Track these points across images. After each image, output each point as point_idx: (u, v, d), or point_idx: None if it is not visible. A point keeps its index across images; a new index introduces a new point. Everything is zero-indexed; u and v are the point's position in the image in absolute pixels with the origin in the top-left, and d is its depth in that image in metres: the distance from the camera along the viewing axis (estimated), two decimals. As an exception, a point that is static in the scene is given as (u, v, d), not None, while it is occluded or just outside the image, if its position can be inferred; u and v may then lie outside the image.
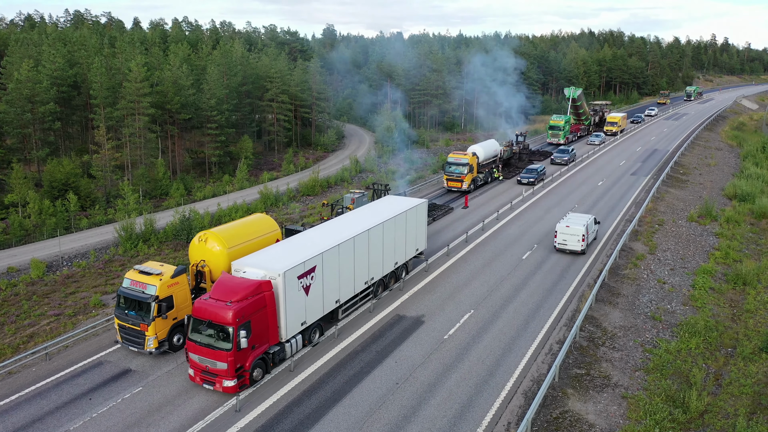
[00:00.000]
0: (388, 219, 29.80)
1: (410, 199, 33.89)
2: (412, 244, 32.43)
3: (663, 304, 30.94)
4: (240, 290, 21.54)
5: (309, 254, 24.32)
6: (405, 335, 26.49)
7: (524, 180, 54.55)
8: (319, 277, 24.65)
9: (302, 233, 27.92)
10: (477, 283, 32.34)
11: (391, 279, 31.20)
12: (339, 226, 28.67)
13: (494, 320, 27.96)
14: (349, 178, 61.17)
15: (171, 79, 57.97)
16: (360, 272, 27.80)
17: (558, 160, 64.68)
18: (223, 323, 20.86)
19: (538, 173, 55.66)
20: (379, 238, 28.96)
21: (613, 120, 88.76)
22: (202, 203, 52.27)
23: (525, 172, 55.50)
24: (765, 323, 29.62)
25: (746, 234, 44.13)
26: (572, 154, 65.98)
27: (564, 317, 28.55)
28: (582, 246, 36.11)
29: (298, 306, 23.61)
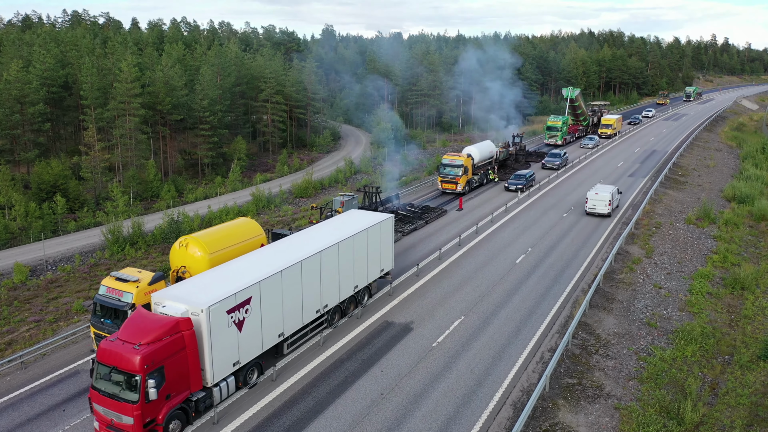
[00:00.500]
0: (345, 238, 26.53)
1: (374, 215, 30.48)
2: (375, 264, 29.20)
3: (659, 310, 30.19)
4: (152, 330, 18.32)
5: (242, 284, 21.04)
6: (392, 343, 25.75)
7: (512, 186, 52.29)
8: (256, 310, 21.42)
9: (246, 256, 24.42)
10: (469, 288, 31.60)
11: (351, 304, 27.96)
12: (288, 247, 25.39)
13: (485, 327, 27.22)
14: (344, 179, 60.47)
15: (163, 80, 57.24)
16: (310, 300, 24.57)
17: (549, 165, 61.97)
18: (128, 370, 17.67)
19: (527, 179, 53.26)
20: (334, 260, 25.74)
21: (608, 122, 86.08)
22: (193, 205, 51.57)
23: (513, 178, 53.18)
24: (763, 330, 28.87)
25: (745, 237, 43.38)
26: (564, 158, 63.63)
27: (557, 324, 27.80)
28: (608, 209, 44.57)
29: (229, 344, 20.37)
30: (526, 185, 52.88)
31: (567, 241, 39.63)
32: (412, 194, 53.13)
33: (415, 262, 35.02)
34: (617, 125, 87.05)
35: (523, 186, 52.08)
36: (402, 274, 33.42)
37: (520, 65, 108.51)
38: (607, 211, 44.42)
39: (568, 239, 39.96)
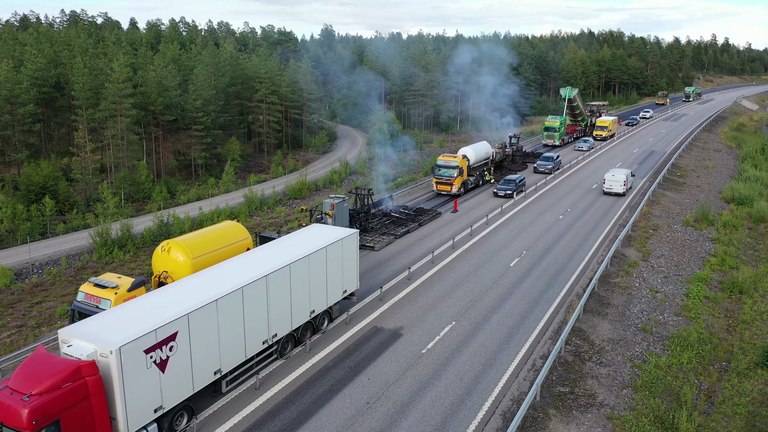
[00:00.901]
0: (299, 258, 23.61)
1: (337, 230, 27.79)
2: (337, 285, 26.46)
3: (655, 315, 29.55)
4: (47, 377, 15.51)
5: (166, 317, 18.13)
6: (381, 349, 25.10)
7: (500, 192, 49.83)
8: (184, 346, 18.59)
9: (183, 281, 21.57)
10: (461, 293, 30.95)
11: (307, 331, 25.18)
12: (233, 269, 22.41)
13: (476, 333, 26.57)
14: (338, 180, 59.85)
15: (155, 80, 56.60)
16: (255, 330, 21.70)
17: (541, 168, 59.43)
18: (15, 427, 14.84)
19: (517, 184, 50.85)
20: (285, 284, 22.92)
21: (603, 124, 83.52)
22: (185, 207, 50.97)
23: (502, 183, 50.77)
24: (761, 335, 28.21)
25: (743, 239, 42.73)
26: (557, 162, 61.39)
27: (550, 329, 27.16)
28: (624, 189, 50.85)
29: (149, 388, 17.60)
30: (516, 191, 50.55)
31: (562, 243, 38.99)
32: (407, 196, 52.48)
33: (407, 265, 34.38)
34: (613, 127, 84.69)
35: (512, 192, 49.90)
36: (393, 278, 32.78)
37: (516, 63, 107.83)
38: (622, 190, 51.06)
39: (563, 242, 39.32)
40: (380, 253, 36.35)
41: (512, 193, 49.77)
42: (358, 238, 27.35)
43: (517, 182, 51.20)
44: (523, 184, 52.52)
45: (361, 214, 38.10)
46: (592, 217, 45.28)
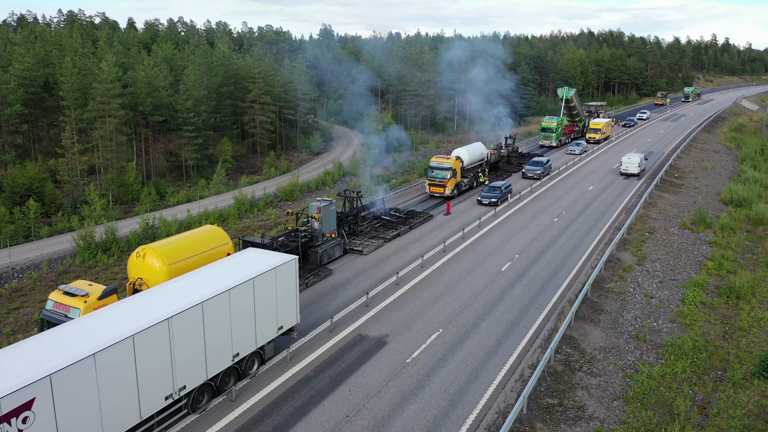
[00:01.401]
0: (216, 294, 19.73)
1: (274, 256, 23.76)
2: (269, 322, 22.45)
3: (649, 322, 28.70)
4: None
5: (17, 382, 14.26)
6: (364, 358, 24.26)
7: (484, 200, 46.68)
8: (45, 415, 14.68)
9: (55, 330, 17.47)
10: (450, 299, 30.10)
11: (230, 377, 21.34)
12: (130, 311, 18.58)
13: (463, 341, 25.73)
14: (331, 182, 59.02)
15: (145, 80, 55.73)
16: (153, 385, 17.72)
17: (530, 174, 56.30)
18: None
19: (502, 192, 47.59)
20: (196, 326, 19.00)
21: (596, 126, 79.76)
22: (174, 209, 50.14)
23: (486, 191, 47.69)
24: (758, 343, 27.36)
25: (741, 242, 41.89)
26: (547, 167, 58.26)
27: (540, 337, 26.31)
28: (638, 170, 58.43)
29: None
30: (501, 198, 47.32)
31: (556, 247, 38.15)
32: (399, 198, 51.64)
33: (396, 270, 33.54)
34: (607, 129, 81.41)
35: (497, 199, 46.66)
36: (381, 283, 31.92)
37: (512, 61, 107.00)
38: (637, 171, 58.40)
39: (557, 245, 38.47)
40: (369, 258, 35.52)
41: (497, 201, 46.60)
42: (297, 265, 23.79)
43: (502, 189, 47.94)
44: (509, 191, 49.26)
45: (350, 217, 37.24)
46: (587, 219, 44.43)
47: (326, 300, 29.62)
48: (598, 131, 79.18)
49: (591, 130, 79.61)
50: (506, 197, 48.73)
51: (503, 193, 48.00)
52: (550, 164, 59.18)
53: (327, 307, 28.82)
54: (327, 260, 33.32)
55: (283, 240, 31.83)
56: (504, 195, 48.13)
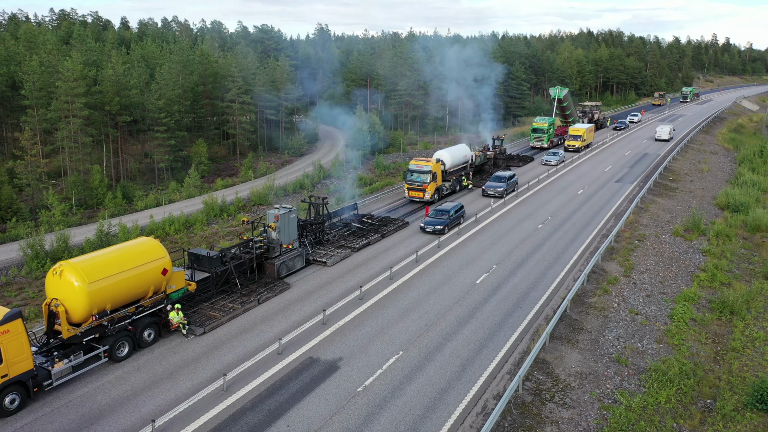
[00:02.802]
0: None
1: None
2: None
3: (632, 342, 26.13)
4: None
5: None
6: (311, 386, 21.72)
7: (428, 228, 38.64)
8: None
9: None
10: (415, 316, 27.55)
11: None
12: None
13: (424, 366, 23.18)
14: (310, 185, 56.45)
15: (113, 79, 53.14)
16: None
17: (490, 192, 48.17)
18: None
19: (451, 217, 39.41)
20: None
21: (576, 132, 71.31)
22: (142, 213, 47.57)
23: (432, 215, 39.86)
24: (752, 367, 24.80)
25: (737, 251, 39.31)
26: (511, 183, 49.94)
27: (510, 361, 23.75)
28: (669, 136, 78.19)
29: None
30: (450, 224, 39.51)
31: (538, 256, 35.59)
32: (378, 202, 49.11)
33: (362, 282, 31.01)
34: (588, 136, 73.23)
35: (444, 226, 38.57)
36: (342, 298, 29.38)
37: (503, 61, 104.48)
38: (667, 137, 78.60)
39: (539, 254, 35.92)
40: (333, 269, 32.94)
41: (443, 228, 38.56)
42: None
43: (451, 214, 39.65)
44: (461, 214, 41.15)
45: (315, 226, 34.65)
46: (573, 226, 41.88)
47: (279, 318, 27.08)
48: (578, 138, 71.07)
49: (570, 136, 71.64)
50: (458, 222, 40.75)
51: (452, 218, 39.58)
52: (515, 179, 51.12)
53: (278, 326, 26.28)
54: (286, 273, 30.76)
55: (237, 251, 29.25)
56: (453, 220, 39.80)
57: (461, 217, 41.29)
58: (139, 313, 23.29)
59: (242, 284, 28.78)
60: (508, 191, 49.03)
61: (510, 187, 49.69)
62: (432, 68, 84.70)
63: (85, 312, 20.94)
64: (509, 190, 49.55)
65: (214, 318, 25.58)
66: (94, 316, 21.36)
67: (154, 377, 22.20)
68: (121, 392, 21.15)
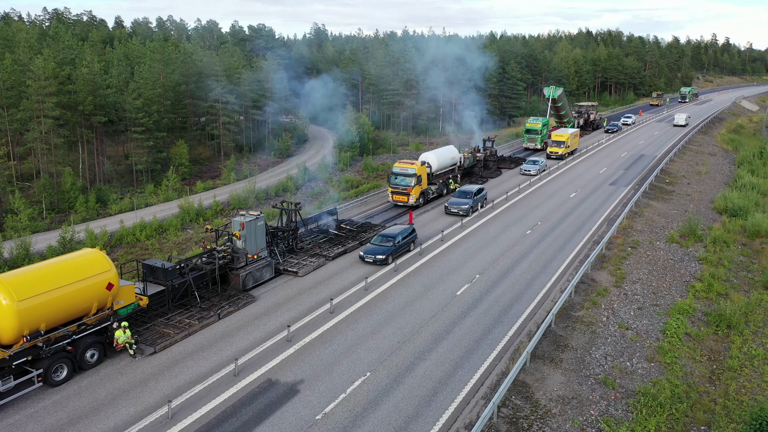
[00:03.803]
0: None
1: None
2: None
3: (621, 361, 24.18)
4: None
5: None
6: (265, 414, 19.77)
7: (368, 258, 32.23)
8: None
9: None
10: (388, 332, 25.60)
11: None
12: None
13: (392, 389, 21.22)
14: (293, 187, 54.50)
15: (88, 78, 51.13)
16: None
17: (454, 209, 42.02)
18: None
19: (396, 243, 32.81)
20: None
21: (559, 138, 65.10)
22: (116, 218, 45.59)
23: (375, 240, 33.47)
24: (750, 389, 22.87)
25: (736, 258, 37.39)
26: (479, 198, 43.88)
27: (486, 384, 21.81)
28: (685, 122, 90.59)
29: None
30: (395, 251, 32.61)
31: (524, 265, 33.64)
32: (361, 206, 47.17)
33: (335, 294, 29.07)
34: (572, 142, 66.88)
35: (386, 255, 32.03)
36: (311, 312, 27.42)
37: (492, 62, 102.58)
38: (684, 123, 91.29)
39: (525, 263, 33.97)
40: (304, 280, 30.95)
41: (386, 257, 32.05)
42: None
43: (397, 240, 33.00)
44: (410, 240, 34.41)
45: (287, 233, 32.65)
46: (564, 232, 39.92)
47: (240, 334, 25.13)
48: (561, 144, 64.69)
49: (552, 142, 65.51)
50: (407, 248, 34.27)
51: (398, 246, 33.06)
52: (484, 194, 44.99)
53: (238, 344, 24.33)
54: (252, 284, 28.80)
55: (198, 262, 27.26)
56: (399, 248, 33.15)
57: (412, 242, 34.68)
58: (81, 332, 21.35)
59: (203, 297, 26.83)
60: (474, 208, 42.98)
61: (478, 204, 43.64)
62: (423, 67, 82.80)
63: (14, 333, 19.02)
64: (476, 207, 43.36)
65: (167, 335, 23.63)
66: (26, 337, 19.43)
67: (95, 402, 20.27)
68: (55, 420, 19.23)
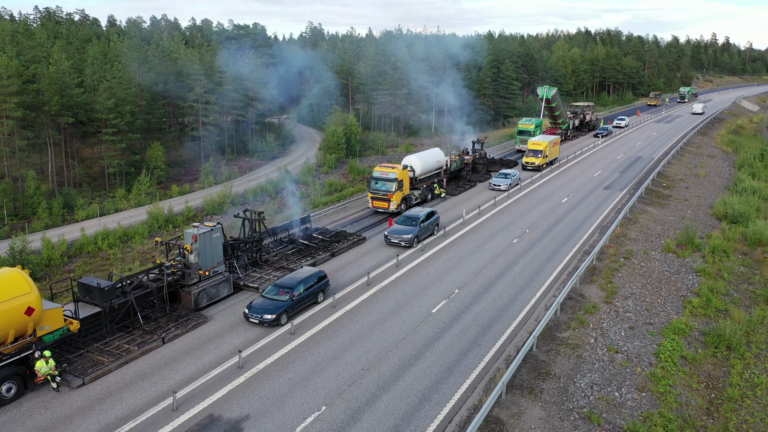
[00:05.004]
0: None
1: None
2: None
3: (609, 391, 21.73)
4: None
5: None
6: (200, 459, 17.33)
7: (254, 317, 24.82)
8: None
9: None
10: (352, 356, 23.14)
11: None
12: None
13: (348, 427, 18.77)
14: (273, 191, 52.04)
15: (54, 76, 48.62)
16: None
17: (394, 239, 34.66)
18: None
19: (294, 300, 25.46)
20: None
21: (536, 147, 57.40)
22: (82, 224, 43.18)
23: (270, 291, 26.02)
24: (753, 424, 20.44)
25: (736, 269, 34.97)
26: (426, 226, 36.03)
27: (455, 421, 19.36)
28: (702, 111, 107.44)
29: None
30: (287, 310, 25.03)
31: (508, 278, 31.20)
32: (341, 212, 44.73)
33: (297, 312, 26.57)
34: (552, 151, 59.27)
35: (272, 318, 24.56)
36: (269, 334, 24.92)
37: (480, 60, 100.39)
38: (701, 111, 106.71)
39: (509, 276, 31.53)
40: (266, 296, 28.49)
41: (273, 319, 24.59)
42: None
43: (294, 296, 25.46)
44: (321, 286, 27.20)
45: (249, 245, 30.14)
46: (553, 240, 37.49)
47: (187, 360, 22.66)
48: (539, 154, 57.08)
49: (529, 152, 57.94)
50: (311, 298, 26.67)
51: (294, 302, 25.39)
52: (435, 219, 37.28)
53: (183, 372, 21.87)
54: (207, 302, 26.31)
55: (144, 279, 24.75)
56: (297, 303, 25.65)
57: (321, 290, 27.21)
58: (-3, 362, 18.92)
59: (149, 318, 24.34)
60: (420, 237, 35.40)
61: (426, 232, 36.07)
62: (414, 66, 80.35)
63: None
64: (422, 236, 35.78)
65: (100, 364, 21.16)
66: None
67: (9, 444, 17.85)
68: (-42, 467, 16.81)
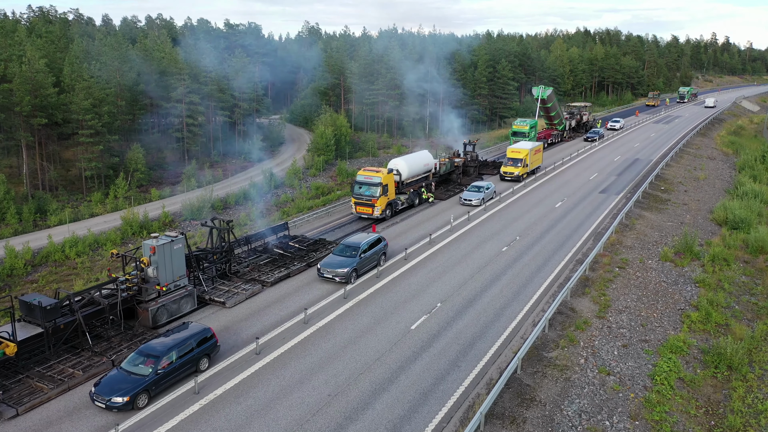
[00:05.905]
0: None
1: None
2: None
3: (599, 420, 19.84)
4: None
5: None
6: (137, 503, 15.42)
7: (100, 401, 18.74)
8: None
9: None
10: (319, 380, 21.24)
11: None
12: None
13: (307, 465, 16.89)
14: (256, 195, 50.17)
15: (26, 75, 46.71)
16: None
17: (327, 273, 28.72)
18: None
19: (173, 362, 20.14)
20: None
21: (516, 155, 51.83)
22: (55, 230, 41.40)
23: (132, 359, 19.97)
24: (757, 459, 18.52)
25: (737, 279, 33.08)
26: (370, 257, 30.28)
27: (427, 456, 17.48)
28: (714, 104, 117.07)
29: None
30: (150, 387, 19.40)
31: (494, 290, 29.30)
32: (325, 217, 42.85)
33: (263, 331, 24.70)
34: (534, 159, 53.80)
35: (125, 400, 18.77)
36: (235, 353, 23.05)
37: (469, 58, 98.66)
38: (713, 104, 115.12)
39: (496, 288, 29.63)
40: (233, 312, 26.52)
41: (126, 402, 18.74)
42: None
43: (168, 363, 19.97)
44: (201, 352, 21.14)
45: (216, 256, 28.22)
46: (544, 248, 35.60)
47: (137, 385, 20.72)
48: (519, 162, 51.46)
49: (508, 160, 52.25)
50: (192, 367, 20.94)
51: (162, 376, 19.79)
52: (381, 247, 31.37)
53: (131, 399, 19.93)
54: (167, 319, 24.38)
55: (96, 295, 22.81)
56: (164, 377, 19.88)
57: (207, 353, 21.55)
58: None
59: (101, 338, 22.44)
60: (360, 270, 29.54)
61: (368, 263, 30.29)
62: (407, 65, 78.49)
63: None
64: (363, 269, 29.97)
65: (39, 391, 19.25)
66: None
67: (-74, 485, 15.95)
68: None
